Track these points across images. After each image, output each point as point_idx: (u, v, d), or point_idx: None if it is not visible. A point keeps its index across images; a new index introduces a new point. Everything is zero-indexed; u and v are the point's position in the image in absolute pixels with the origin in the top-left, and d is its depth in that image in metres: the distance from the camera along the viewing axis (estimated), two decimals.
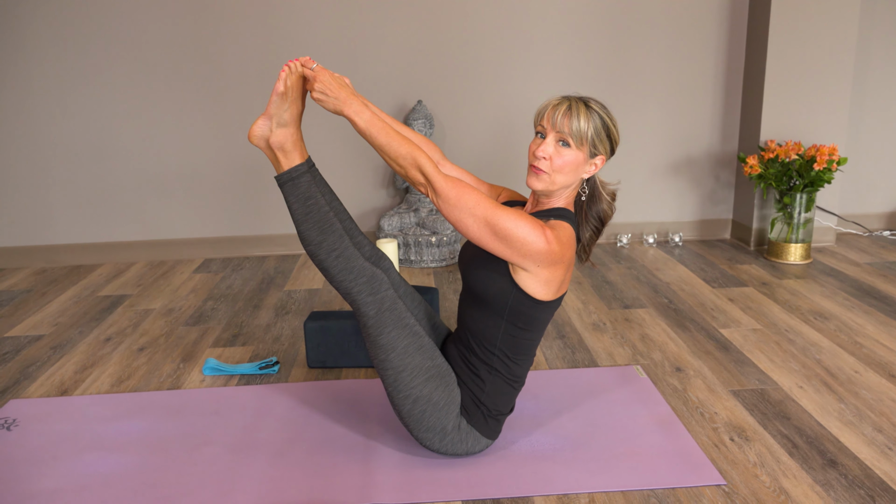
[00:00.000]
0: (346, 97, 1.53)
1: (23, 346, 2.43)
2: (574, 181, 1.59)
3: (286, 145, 1.61)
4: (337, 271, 1.59)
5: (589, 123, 1.53)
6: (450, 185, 1.51)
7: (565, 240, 1.53)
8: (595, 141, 1.54)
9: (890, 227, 3.71)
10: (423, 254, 3.22)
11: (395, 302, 1.61)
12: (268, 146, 1.62)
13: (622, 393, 1.98)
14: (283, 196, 1.62)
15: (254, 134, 1.62)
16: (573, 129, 1.52)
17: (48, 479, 1.64)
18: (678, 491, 1.54)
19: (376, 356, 1.61)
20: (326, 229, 1.59)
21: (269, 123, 1.61)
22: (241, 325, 2.57)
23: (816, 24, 3.16)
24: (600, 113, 1.55)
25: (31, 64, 3.20)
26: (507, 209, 1.50)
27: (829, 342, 2.30)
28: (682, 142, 3.50)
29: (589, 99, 1.57)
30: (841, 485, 1.55)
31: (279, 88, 1.57)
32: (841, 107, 3.26)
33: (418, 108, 3.26)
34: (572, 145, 1.53)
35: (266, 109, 1.61)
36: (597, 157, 1.57)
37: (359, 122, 1.52)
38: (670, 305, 2.67)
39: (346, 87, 1.55)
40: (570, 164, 1.55)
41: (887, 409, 1.87)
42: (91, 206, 3.38)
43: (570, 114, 1.52)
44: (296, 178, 1.60)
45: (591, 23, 3.33)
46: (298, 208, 1.59)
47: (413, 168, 1.52)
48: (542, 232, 1.49)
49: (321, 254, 1.58)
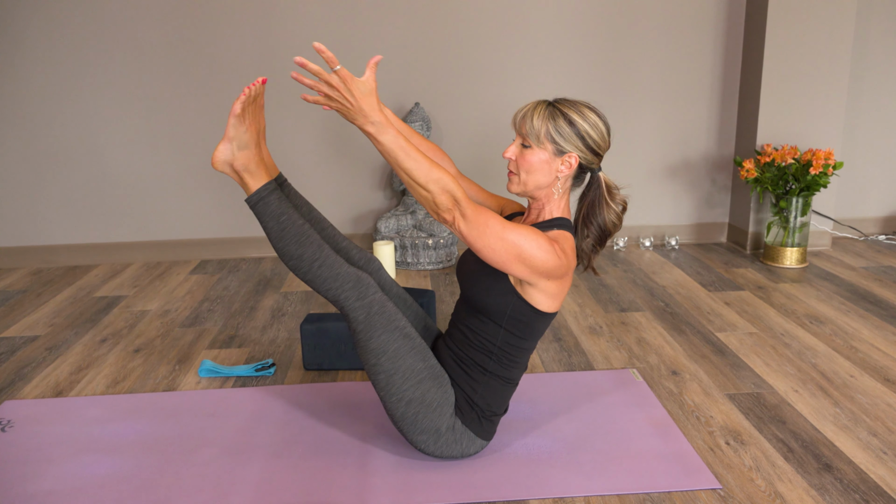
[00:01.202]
0: (370, 110, 1.39)
1: (18, 347, 2.42)
2: (548, 181, 1.58)
3: (250, 166, 1.58)
4: (321, 281, 1.58)
5: (543, 122, 1.54)
6: (478, 210, 1.46)
7: (569, 251, 1.55)
8: (555, 137, 1.54)
9: (885, 232, 3.72)
10: (420, 256, 3.22)
11: (383, 305, 1.60)
12: (233, 170, 1.58)
13: (618, 396, 1.99)
14: (256, 217, 1.59)
15: (217, 160, 1.57)
16: (528, 129, 1.55)
17: (43, 480, 1.63)
18: (674, 495, 1.54)
19: (367, 360, 1.61)
20: (304, 242, 1.57)
21: (231, 147, 1.56)
22: (237, 326, 2.57)
23: (813, 30, 3.18)
24: (564, 110, 1.54)
25: (26, 64, 3.19)
26: (524, 229, 1.48)
27: (825, 346, 2.31)
28: (679, 145, 3.51)
29: (563, 100, 1.57)
30: (836, 489, 1.56)
31: (236, 110, 1.51)
32: (837, 111, 3.27)
33: (416, 111, 3.26)
34: (532, 145, 1.56)
35: (225, 133, 1.55)
36: (565, 154, 1.56)
37: (382, 141, 1.41)
38: (667, 309, 2.67)
39: (369, 97, 1.39)
40: (534, 164, 1.56)
41: (882, 414, 1.87)
42: (87, 206, 3.38)
43: (528, 114, 1.55)
44: (265, 198, 1.57)
45: (588, 26, 3.34)
46: (273, 227, 1.57)
47: (443, 194, 1.42)
48: (554, 248, 1.49)
49: (303, 267, 1.57)
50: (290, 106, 3.33)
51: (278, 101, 3.32)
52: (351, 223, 3.51)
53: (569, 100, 1.58)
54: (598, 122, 1.57)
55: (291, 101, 3.33)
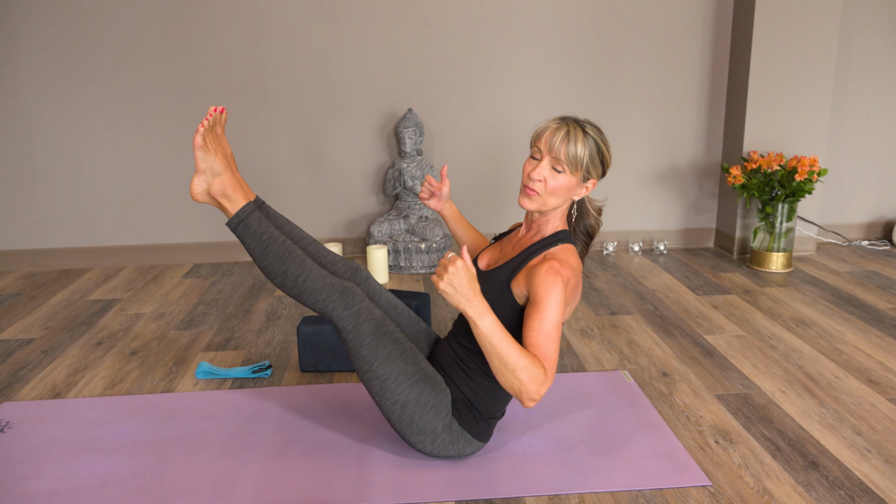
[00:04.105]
0: (473, 296, 1.41)
1: (13, 350, 2.43)
2: (565, 202, 1.63)
3: (227, 191, 1.63)
4: (308, 294, 1.62)
5: (585, 150, 1.56)
6: (551, 367, 1.47)
7: (574, 264, 1.58)
8: (589, 166, 1.58)
9: (868, 237, 3.80)
10: (413, 260, 3.25)
11: (371, 312, 1.64)
12: (211, 198, 1.64)
13: (610, 397, 2.03)
14: (239, 239, 1.65)
15: (195, 192, 1.63)
16: (569, 155, 1.55)
17: (44, 480, 1.65)
18: (665, 491, 1.58)
19: (360, 368, 1.64)
20: (287, 258, 1.62)
21: (205, 177, 1.62)
22: (232, 329, 2.59)
23: (798, 39, 3.25)
24: (595, 138, 1.58)
25: (20, 68, 3.20)
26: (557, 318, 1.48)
27: (810, 348, 2.36)
28: (667, 152, 3.57)
29: (586, 123, 1.60)
30: (822, 486, 1.60)
31: (198, 143, 1.57)
32: (821, 119, 3.34)
33: (409, 116, 3.29)
34: (566, 170, 1.57)
35: (196, 167, 1.61)
36: (589, 181, 1.61)
37: (480, 327, 1.41)
38: (656, 312, 2.72)
39: (474, 282, 1.41)
40: (563, 188, 1.59)
41: (866, 413, 1.93)
42: (79, 210, 3.38)
43: (568, 140, 1.55)
44: (245, 220, 1.63)
45: (578, 33, 3.39)
46: (255, 247, 1.62)
47: (532, 382, 1.42)
48: (563, 285, 1.51)
49: (288, 283, 1.62)
50: (283, 113, 3.36)
51: (270, 109, 3.35)
52: (344, 227, 3.54)
53: (592, 124, 1.60)
54: (610, 146, 1.62)
55: (284, 110, 3.36)
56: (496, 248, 1.78)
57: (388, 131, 3.44)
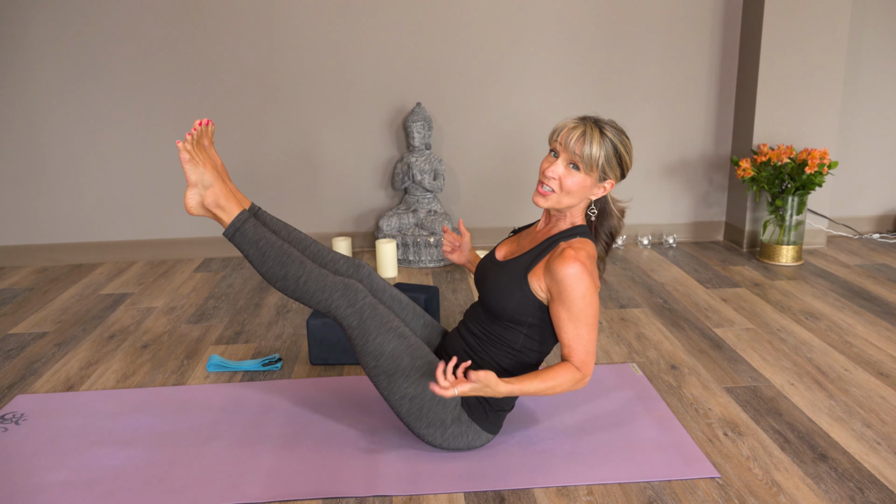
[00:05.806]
0: (494, 390, 1.50)
1: (27, 343, 2.45)
2: (581, 201, 1.63)
3: (220, 201, 1.65)
4: (310, 295, 1.64)
5: (601, 151, 1.55)
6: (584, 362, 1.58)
7: (590, 251, 1.59)
8: (605, 167, 1.57)
9: (879, 230, 3.78)
10: (422, 254, 3.26)
11: (375, 308, 1.65)
12: (206, 210, 1.66)
13: (619, 390, 2.03)
14: (237, 248, 1.66)
15: (189, 206, 1.65)
16: (584, 155, 1.55)
17: (58, 471, 1.67)
18: (674, 483, 1.58)
19: (367, 364, 1.65)
20: (286, 261, 1.64)
21: (197, 189, 1.64)
22: (242, 323, 2.60)
23: (808, 31, 3.23)
24: (614, 140, 1.57)
25: (31, 64, 3.22)
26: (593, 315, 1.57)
27: (820, 341, 2.35)
28: (677, 145, 3.56)
29: (605, 123, 1.58)
30: (831, 477, 1.60)
31: (185, 157, 1.60)
32: (832, 111, 3.33)
33: (417, 111, 3.30)
34: (582, 169, 1.57)
35: (187, 180, 1.64)
36: (606, 181, 1.60)
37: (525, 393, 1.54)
38: (665, 305, 2.72)
39: (492, 378, 1.48)
40: (578, 187, 1.58)
41: (876, 406, 1.92)
42: (91, 205, 3.41)
43: (584, 139, 1.55)
44: (241, 228, 1.64)
45: (588, 27, 3.38)
46: (254, 253, 1.64)
47: (570, 385, 1.57)
48: (592, 279, 1.55)
49: (290, 285, 1.64)
50: (291, 108, 3.37)
51: (278, 104, 3.36)
52: (353, 222, 3.55)
53: (615, 125, 1.59)
54: (631, 149, 1.61)
55: (292, 104, 3.37)
56: (514, 240, 1.79)
57: (396, 125, 3.45)
